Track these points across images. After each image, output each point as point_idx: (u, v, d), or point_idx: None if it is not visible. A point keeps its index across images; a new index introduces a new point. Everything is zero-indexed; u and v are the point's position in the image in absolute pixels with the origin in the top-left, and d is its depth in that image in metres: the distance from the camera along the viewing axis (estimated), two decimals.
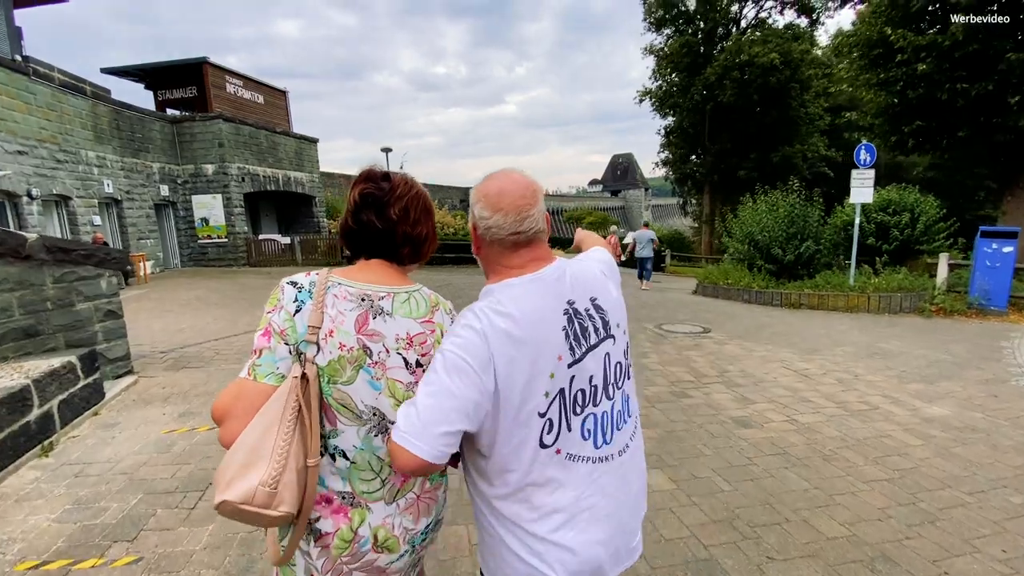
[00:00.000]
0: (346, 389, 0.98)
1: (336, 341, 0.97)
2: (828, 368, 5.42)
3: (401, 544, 1.08)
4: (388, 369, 1.00)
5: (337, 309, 0.98)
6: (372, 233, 1.06)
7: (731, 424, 3.95)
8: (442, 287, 11.83)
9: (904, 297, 8.49)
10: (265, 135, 18.09)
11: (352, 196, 1.07)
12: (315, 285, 1.00)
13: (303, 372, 0.94)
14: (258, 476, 0.88)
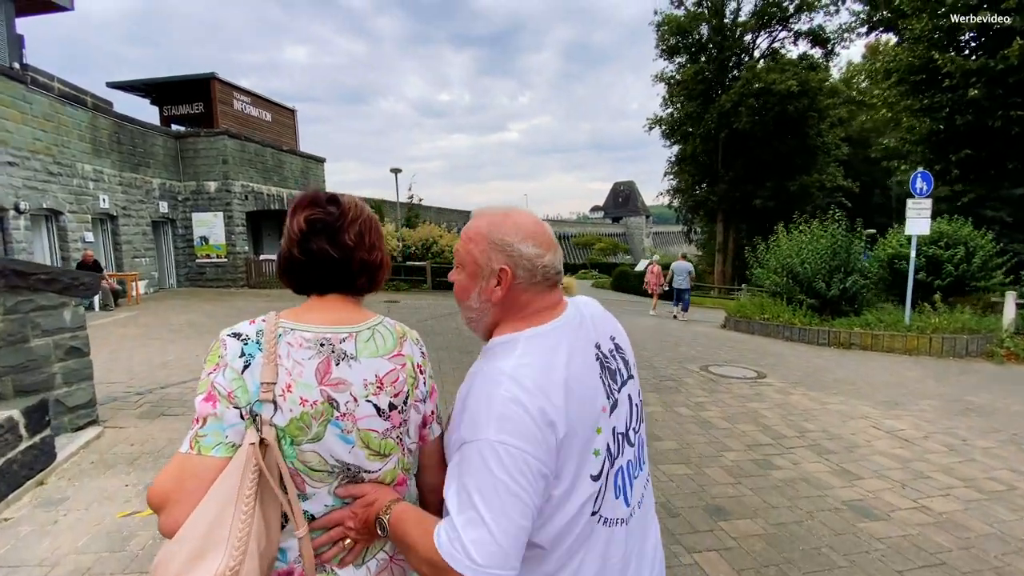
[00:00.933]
0: (314, 447, 0.86)
1: (296, 396, 0.85)
2: (925, 429, 4.58)
3: None
4: (358, 420, 0.89)
5: (293, 359, 0.87)
6: (325, 264, 0.94)
7: (848, 513, 3.11)
8: (449, 315, 11.03)
9: (970, 340, 7.69)
10: (271, 153, 17.57)
11: (295, 224, 0.93)
12: (264, 334, 0.88)
13: (261, 437, 0.82)
14: (213, 568, 0.76)
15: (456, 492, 0.79)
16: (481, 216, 0.97)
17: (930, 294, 8.96)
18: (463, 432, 0.82)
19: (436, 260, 17.34)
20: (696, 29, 24.26)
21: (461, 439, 0.82)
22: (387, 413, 0.92)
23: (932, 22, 9.56)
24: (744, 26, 23.61)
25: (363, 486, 0.92)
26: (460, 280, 0.97)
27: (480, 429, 0.79)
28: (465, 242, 0.95)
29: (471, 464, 0.78)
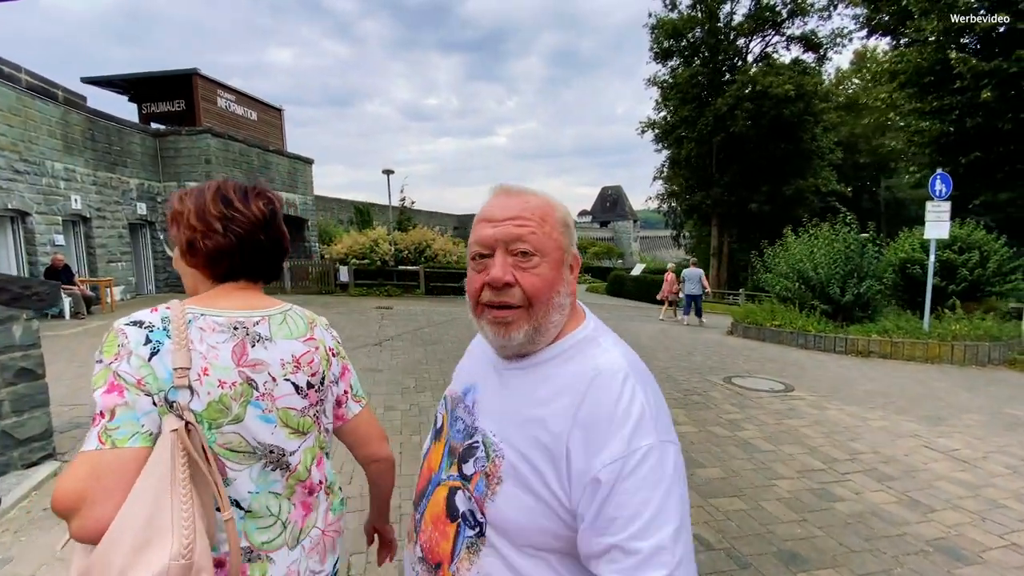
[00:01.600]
0: (234, 429, 0.86)
1: (214, 379, 0.85)
2: (979, 448, 4.22)
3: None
4: (277, 399, 0.91)
5: (207, 344, 0.86)
6: (258, 252, 0.98)
7: (937, 556, 2.69)
8: (447, 322, 10.53)
9: (992, 347, 7.41)
10: (257, 153, 16.90)
11: (256, 212, 0.97)
12: (171, 321, 0.85)
13: (186, 421, 0.81)
14: (166, 552, 0.73)
15: (639, 515, 0.65)
16: (529, 193, 0.83)
17: (944, 299, 8.71)
18: (614, 446, 0.69)
19: (430, 265, 16.80)
20: (690, 32, 24.15)
21: (613, 455, 0.68)
22: (305, 391, 0.96)
23: (942, 24, 9.36)
24: (738, 29, 23.55)
25: None
26: (542, 272, 0.78)
27: (647, 432, 0.69)
28: (539, 223, 0.79)
29: (655, 475, 0.67)
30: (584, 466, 0.69)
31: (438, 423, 0.96)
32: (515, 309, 0.78)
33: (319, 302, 13.84)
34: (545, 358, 0.81)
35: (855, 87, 31.09)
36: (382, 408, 4.77)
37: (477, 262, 0.81)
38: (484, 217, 0.82)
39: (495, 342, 0.82)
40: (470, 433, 0.85)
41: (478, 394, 0.88)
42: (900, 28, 13.27)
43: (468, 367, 0.98)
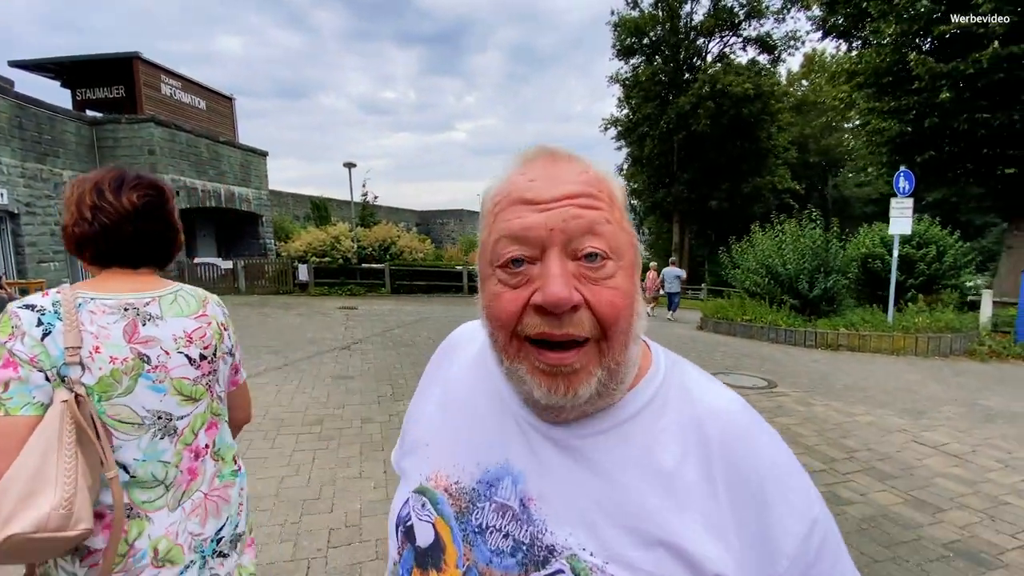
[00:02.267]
0: (123, 401, 0.96)
1: (105, 356, 0.94)
2: (966, 442, 4.27)
3: (186, 553, 1.02)
4: (171, 370, 1.01)
5: (98, 325, 0.95)
6: (124, 241, 1.02)
7: (960, 563, 2.61)
8: (418, 322, 10.13)
9: (953, 338, 7.70)
10: (206, 144, 15.83)
11: (126, 200, 1.01)
12: (62, 304, 0.94)
13: (75, 394, 0.90)
14: (48, 502, 0.83)
15: None
16: (583, 158, 0.54)
17: (903, 293, 9.04)
18: (793, 523, 0.48)
19: (396, 262, 16.25)
20: (652, 30, 24.44)
21: (798, 535, 0.48)
22: (198, 362, 1.05)
23: (900, 26, 9.68)
24: (698, 29, 24.01)
25: None
26: (620, 285, 0.50)
27: (812, 503, 0.50)
28: (609, 204, 0.51)
29: (835, 543, 0.51)
30: (754, 561, 0.48)
31: (423, 537, 0.58)
32: (581, 347, 0.49)
33: (277, 303, 13.11)
34: (632, 411, 0.54)
35: (804, 89, 32.42)
36: (358, 420, 4.39)
37: (510, 271, 0.51)
38: (518, 196, 0.51)
39: (548, 400, 0.51)
40: (536, 557, 0.52)
41: (527, 483, 0.55)
42: (853, 31, 13.77)
43: (465, 436, 0.61)
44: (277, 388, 5.29)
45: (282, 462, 3.51)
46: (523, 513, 0.53)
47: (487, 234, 0.54)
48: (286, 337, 8.21)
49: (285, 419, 4.37)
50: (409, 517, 0.60)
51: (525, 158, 0.54)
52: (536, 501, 0.53)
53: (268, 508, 2.89)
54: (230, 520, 1.12)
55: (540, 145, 0.55)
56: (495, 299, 0.52)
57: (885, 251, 9.77)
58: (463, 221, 41.29)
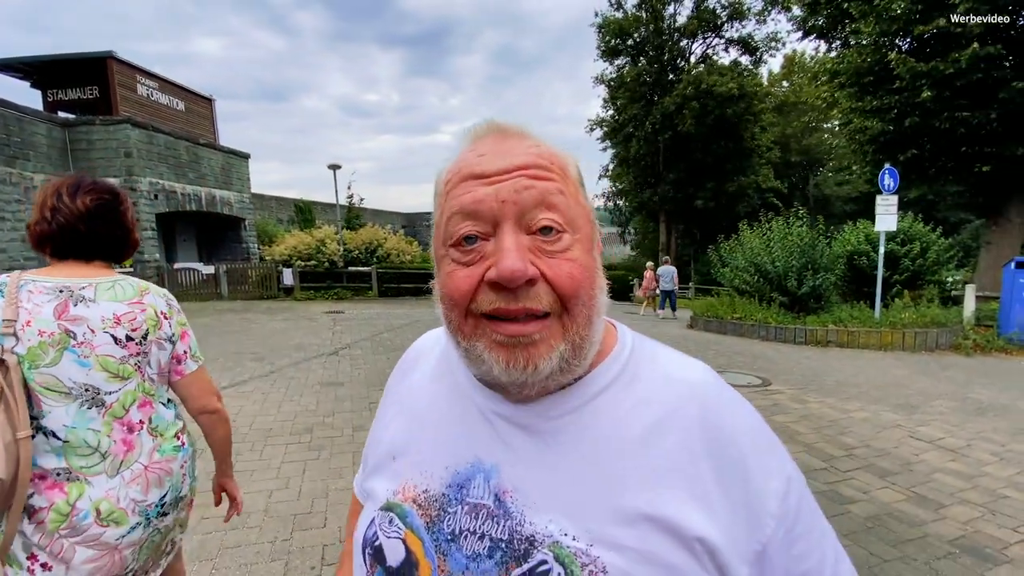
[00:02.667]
0: (51, 371, 1.09)
1: (35, 329, 1.08)
2: (960, 436, 4.29)
3: (130, 516, 1.14)
4: (96, 347, 1.13)
5: (33, 303, 1.10)
6: (104, 242, 1.22)
7: (966, 559, 2.59)
8: (408, 326, 9.98)
9: (939, 333, 7.81)
10: (185, 146, 15.46)
11: (79, 203, 1.17)
12: (6, 285, 1.10)
13: (2, 359, 1.04)
14: None
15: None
16: (527, 134, 0.52)
17: (888, 289, 9.15)
18: (774, 483, 0.49)
19: (382, 265, 16.04)
20: (636, 31, 24.58)
21: (778, 494, 0.49)
22: (124, 343, 1.17)
23: (880, 26, 9.82)
24: (682, 31, 24.22)
25: None
26: (577, 257, 0.49)
27: (785, 462, 0.52)
28: (561, 176, 0.50)
29: (813, 511, 0.52)
30: (743, 526, 0.47)
31: (393, 555, 0.53)
32: (541, 320, 0.47)
33: (261, 307, 12.84)
34: (601, 385, 0.53)
35: (785, 90, 32.92)
36: (350, 428, 4.25)
37: (463, 249, 0.49)
38: (468, 171, 0.50)
39: (508, 377, 0.49)
40: (517, 551, 0.48)
41: (501, 476, 0.52)
42: (833, 32, 13.98)
43: (431, 442, 0.58)
44: (263, 396, 5.13)
45: (270, 475, 3.37)
46: (499, 508, 0.51)
47: (439, 214, 0.52)
48: (271, 343, 8.01)
49: (273, 429, 4.22)
50: (376, 537, 0.56)
51: (475, 135, 0.53)
52: (512, 493, 0.51)
53: (257, 525, 2.75)
54: (173, 487, 1.26)
55: (489, 121, 0.54)
56: (448, 278, 0.50)
57: (870, 248, 9.89)
58: None
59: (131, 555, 1.18)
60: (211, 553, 2.48)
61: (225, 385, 5.51)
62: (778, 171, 30.05)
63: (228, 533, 2.65)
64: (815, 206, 38.29)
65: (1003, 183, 10.30)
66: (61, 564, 1.08)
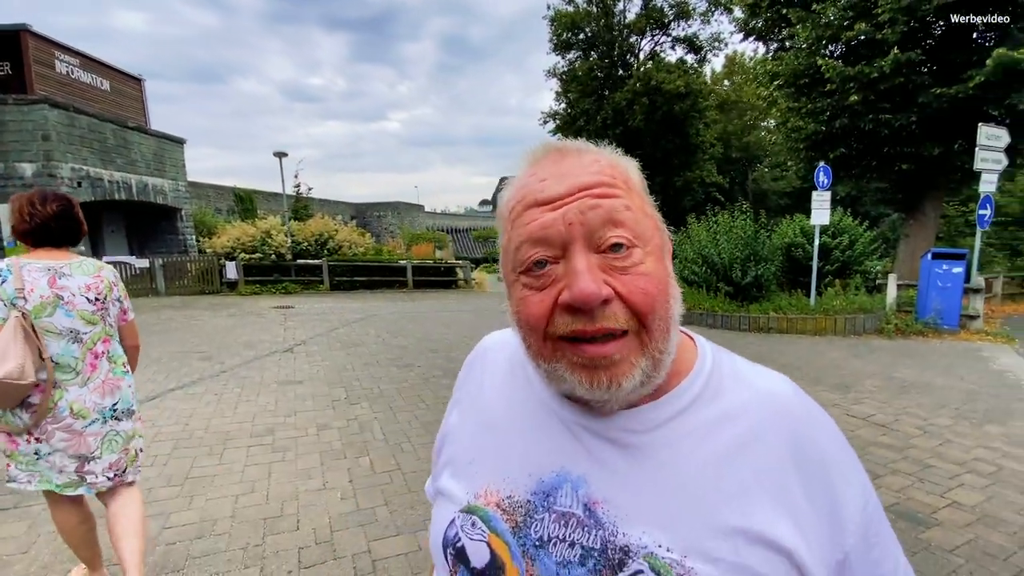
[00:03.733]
0: (49, 320, 1.76)
1: (37, 295, 1.74)
2: (888, 412, 4.72)
3: (91, 414, 1.85)
4: (77, 305, 1.81)
5: (32, 277, 1.75)
6: (68, 233, 1.87)
7: (902, 524, 2.88)
8: (364, 320, 9.77)
9: (866, 318, 8.50)
10: (113, 130, 14.26)
11: (48, 209, 1.80)
12: (12, 267, 1.73)
13: (24, 312, 1.71)
14: (11, 363, 1.62)
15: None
16: (593, 148, 0.54)
17: (821, 278, 9.85)
18: (852, 496, 0.51)
19: (334, 257, 15.54)
20: (588, 26, 24.88)
21: (856, 507, 0.51)
22: (93, 302, 1.86)
23: (814, 32, 10.45)
24: (631, 27, 24.73)
25: None
26: (650, 271, 0.49)
27: (861, 472, 0.54)
28: (626, 189, 0.50)
29: (881, 513, 0.55)
30: (827, 536, 0.50)
31: (477, 557, 0.55)
32: (620, 339, 0.48)
33: (203, 303, 12.15)
34: (687, 401, 0.54)
35: (727, 88, 34.41)
36: (314, 428, 4.13)
37: (534, 275, 0.50)
38: (531, 198, 0.50)
39: (592, 395, 0.50)
40: (612, 560, 0.50)
41: (590, 488, 0.53)
42: (770, 35, 14.73)
43: (512, 449, 0.59)
44: (217, 397, 4.88)
45: (234, 479, 3.24)
46: (589, 518, 0.52)
47: (507, 240, 0.53)
48: (218, 341, 7.62)
49: (231, 431, 4.04)
50: (458, 538, 0.57)
51: (533, 158, 0.54)
52: (602, 504, 0.52)
53: (225, 532, 2.64)
54: (122, 399, 1.96)
55: (545, 142, 0.55)
56: (522, 304, 0.51)
57: (805, 240, 10.59)
58: (401, 213, 40.26)
59: (94, 442, 1.87)
60: (178, 564, 2.36)
61: (172, 387, 5.20)
62: (720, 167, 31.45)
63: (194, 543, 2.54)
64: (753, 200, 40.50)
65: (920, 181, 11.29)
66: (46, 440, 1.79)
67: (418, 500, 3.00)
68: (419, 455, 3.62)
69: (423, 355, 6.85)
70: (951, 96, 9.23)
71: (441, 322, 9.83)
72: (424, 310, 11.73)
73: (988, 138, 8.17)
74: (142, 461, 2.07)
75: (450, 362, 6.42)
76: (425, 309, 11.92)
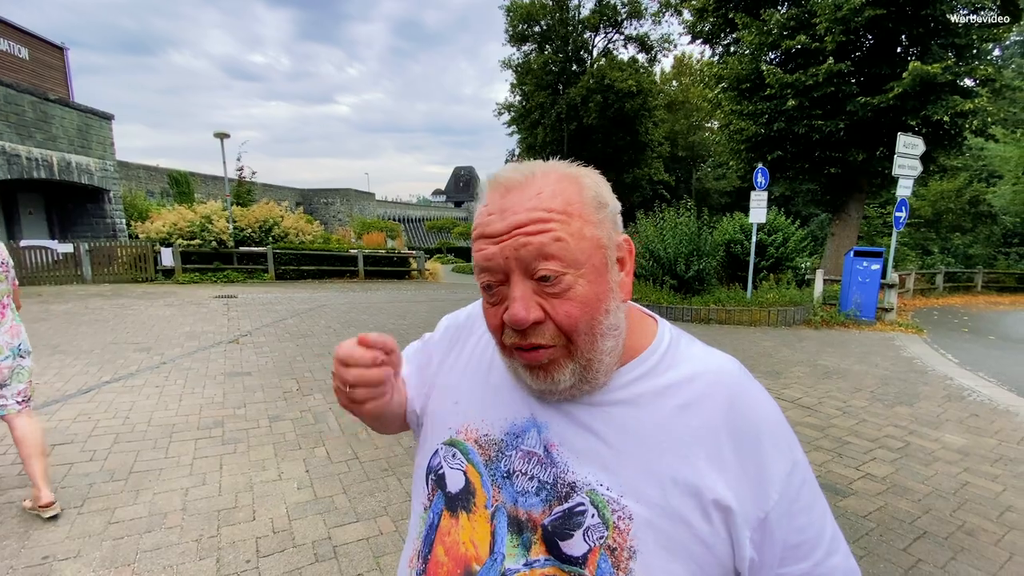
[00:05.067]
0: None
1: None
2: (813, 395, 5.16)
3: (5, 350, 2.52)
4: (8, 271, 2.61)
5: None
6: None
7: (825, 495, 3.19)
8: (313, 311, 9.53)
9: (795, 311, 9.16)
10: (31, 102, 13.00)
11: None
12: None
13: None
14: None
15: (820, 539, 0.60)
16: (536, 174, 0.59)
17: (757, 273, 10.50)
18: (780, 463, 0.59)
19: (279, 245, 14.95)
20: (543, 18, 24.98)
21: (783, 472, 0.59)
22: (4, 267, 2.59)
23: (758, 39, 11.03)
24: (585, 23, 25.07)
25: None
26: (579, 295, 0.57)
27: (794, 448, 0.61)
28: (563, 219, 0.56)
29: (813, 490, 0.61)
30: (752, 494, 0.57)
31: (454, 483, 0.66)
32: (548, 349, 0.58)
33: (135, 292, 11.41)
34: (641, 371, 0.63)
35: (675, 89, 35.63)
36: (266, 420, 4.05)
37: (490, 293, 0.60)
38: (481, 232, 0.59)
39: (537, 387, 0.62)
40: (560, 493, 0.60)
41: (550, 433, 0.63)
42: (716, 39, 15.39)
43: (494, 397, 0.69)
44: (158, 390, 4.66)
45: (182, 472, 3.14)
46: (547, 457, 0.62)
47: (473, 258, 0.62)
48: (156, 332, 7.22)
49: (176, 424, 3.89)
50: (440, 466, 0.68)
51: (487, 190, 0.61)
52: (558, 447, 0.62)
53: (176, 524, 2.58)
54: (23, 341, 2.63)
55: (493, 178, 0.61)
56: (485, 313, 0.62)
57: (744, 237, 11.23)
58: (350, 201, 39.10)
59: (8, 372, 2.54)
60: (128, 558, 2.30)
61: (107, 380, 4.92)
62: (667, 165, 32.61)
63: (143, 536, 2.47)
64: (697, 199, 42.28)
65: (846, 184, 12.21)
66: None
67: (377, 488, 3.03)
68: (376, 444, 3.63)
69: None
70: (874, 105, 10.03)
71: (395, 313, 9.73)
72: (377, 301, 11.55)
73: (906, 146, 8.97)
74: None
75: None
76: (378, 300, 11.73)
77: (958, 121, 10.11)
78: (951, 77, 9.62)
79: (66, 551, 2.33)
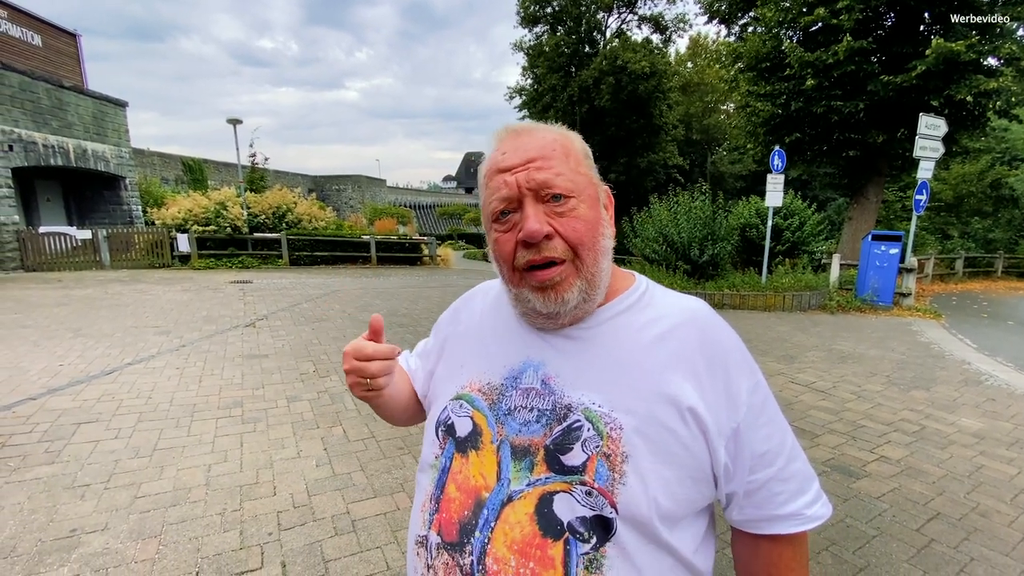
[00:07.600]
0: None
1: None
2: (828, 379, 5.13)
3: None
4: None
5: None
6: None
7: (836, 476, 3.19)
8: (327, 296, 9.63)
9: (811, 296, 9.05)
10: (46, 89, 13.15)
11: None
12: None
13: None
14: None
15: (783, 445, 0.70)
16: (540, 128, 0.73)
17: (772, 257, 10.37)
18: (745, 382, 0.69)
19: (294, 231, 15.07)
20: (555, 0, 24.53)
21: (748, 389, 0.69)
22: None
23: (778, 15, 10.74)
24: (599, 2, 24.56)
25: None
26: (582, 214, 0.69)
27: (755, 371, 0.72)
28: (563, 158, 0.69)
29: (774, 408, 0.71)
30: (723, 407, 0.67)
31: (462, 428, 0.74)
32: (560, 265, 0.68)
33: (153, 277, 11.62)
34: (623, 307, 0.74)
35: (690, 70, 34.89)
36: (284, 400, 4.13)
37: (502, 222, 0.70)
38: (496, 167, 0.70)
39: (546, 309, 0.70)
40: (558, 415, 0.68)
41: (547, 368, 0.72)
42: (733, 18, 15.01)
43: (493, 351, 0.78)
44: (179, 372, 4.77)
45: (204, 450, 3.23)
46: (544, 389, 0.71)
47: (484, 199, 0.72)
48: (175, 316, 7.36)
49: (197, 404, 3.98)
50: (449, 418, 0.76)
51: (498, 138, 0.72)
52: (554, 378, 0.71)
53: (200, 499, 2.66)
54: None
55: (504, 127, 0.74)
56: (496, 244, 0.71)
57: (759, 221, 11.08)
58: (362, 188, 39.13)
59: None
60: (155, 530, 2.38)
61: (130, 361, 5.04)
62: (681, 149, 32.11)
63: (169, 510, 2.55)
64: (712, 183, 41.66)
65: (865, 167, 11.94)
66: None
67: (394, 465, 3.09)
68: (393, 424, 3.69)
69: (391, 329, 6.86)
70: (896, 85, 9.75)
71: (407, 298, 9.79)
72: (389, 286, 11.63)
73: (928, 127, 8.73)
74: None
75: (419, 336, 6.46)
76: (390, 285, 11.81)
77: (981, 101, 9.80)
78: (975, 55, 9.31)
79: (94, 524, 2.42)
